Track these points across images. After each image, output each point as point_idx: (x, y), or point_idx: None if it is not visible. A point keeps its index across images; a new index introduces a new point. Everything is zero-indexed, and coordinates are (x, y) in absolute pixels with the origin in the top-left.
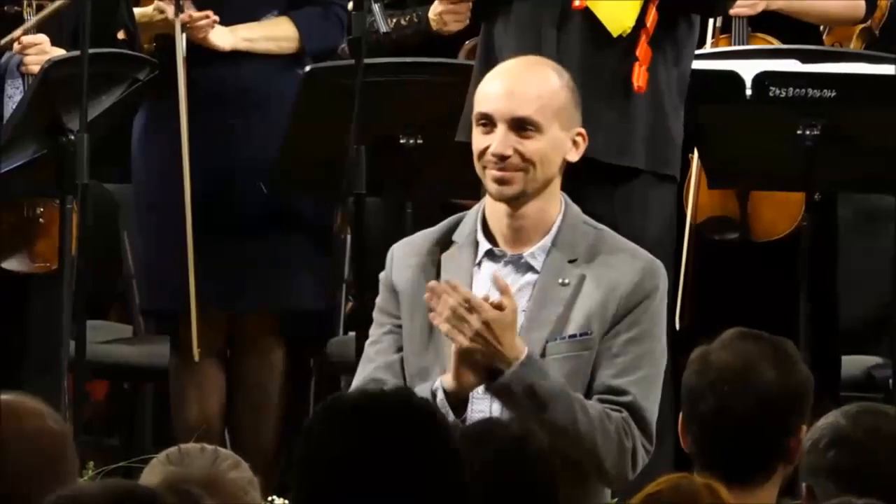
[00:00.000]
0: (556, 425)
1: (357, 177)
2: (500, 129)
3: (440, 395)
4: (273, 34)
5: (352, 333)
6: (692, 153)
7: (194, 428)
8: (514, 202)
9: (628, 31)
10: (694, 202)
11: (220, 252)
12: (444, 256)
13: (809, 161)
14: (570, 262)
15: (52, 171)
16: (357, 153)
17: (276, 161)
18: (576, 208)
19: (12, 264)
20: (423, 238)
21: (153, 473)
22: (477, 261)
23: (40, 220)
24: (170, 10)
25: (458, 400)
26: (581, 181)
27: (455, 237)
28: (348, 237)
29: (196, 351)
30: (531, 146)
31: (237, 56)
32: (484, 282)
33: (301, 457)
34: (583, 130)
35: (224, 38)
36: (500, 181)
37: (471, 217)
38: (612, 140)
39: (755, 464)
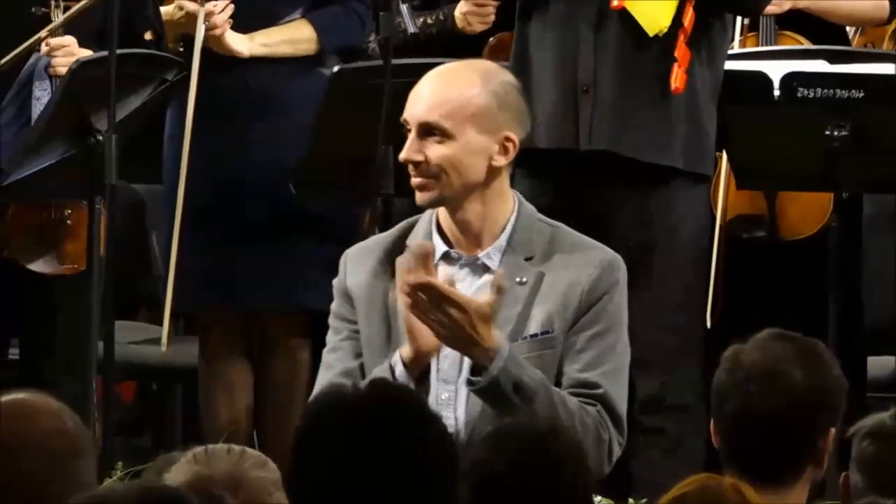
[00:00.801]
0: None
1: (385, 177)
2: (411, 134)
3: (399, 369)
4: (291, 37)
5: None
6: (720, 153)
7: (223, 428)
8: (446, 207)
9: (664, 30)
10: (723, 201)
11: (246, 252)
12: (399, 260)
13: (837, 162)
14: (527, 259)
15: (81, 171)
16: (385, 153)
17: (302, 161)
18: (530, 207)
19: (39, 266)
20: (376, 242)
21: (179, 473)
22: (434, 263)
23: (67, 221)
24: (189, 6)
25: (419, 370)
26: (616, 181)
27: (409, 241)
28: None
29: (165, 340)
30: (438, 152)
31: (258, 60)
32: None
33: (295, 459)
34: (513, 135)
35: (242, 43)
36: (418, 187)
37: (424, 220)
38: (650, 140)
39: (782, 464)
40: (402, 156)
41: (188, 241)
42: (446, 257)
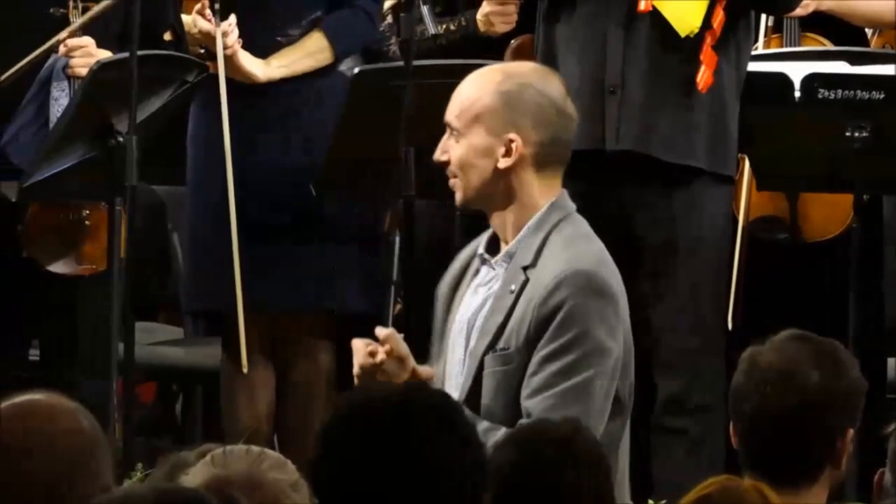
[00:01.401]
0: None
1: (406, 179)
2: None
3: None
4: (307, 51)
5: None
6: (742, 154)
7: (244, 429)
8: (474, 209)
9: (696, 31)
10: (745, 202)
11: (267, 253)
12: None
13: (859, 164)
14: (524, 267)
15: (101, 173)
16: (406, 155)
17: (323, 162)
18: (562, 211)
19: (59, 267)
20: (472, 243)
21: (196, 474)
22: (476, 267)
23: (87, 222)
24: (204, 25)
25: None
26: (640, 181)
27: (475, 243)
28: (397, 238)
29: (244, 363)
30: (454, 152)
31: None
32: (474, 287)
33: (317, 457)
34: (516, 137)
35: (258, 68)
36: (451, 188)
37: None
38: (675, 140)
39: (799, 465)
40: (434, 156)
41: (212, 242)
42: (482, 259)
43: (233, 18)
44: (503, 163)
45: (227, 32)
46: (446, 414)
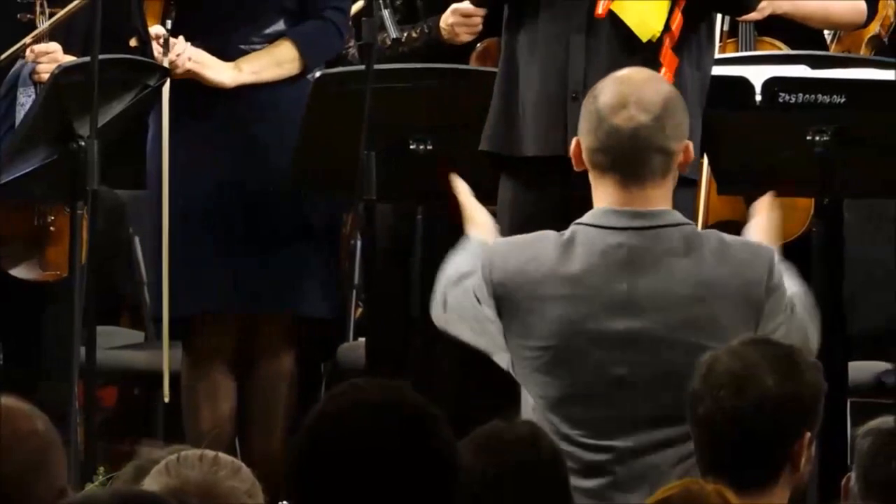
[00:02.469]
0: None
1: (367, 182)
2: None
3: None
4: (277, 60)
5: (361, 339)
6: (702, 158)
7: (206, 432)
8: None
9: (657, 35)
10: (705, 206)
11: (232, 257)
12: None
13: (820, 166)
14: None
15: (63, 176)
16: (367, 159)
17: (287, 166)
18: None
19: (22, 272)
20: None
21: (152, 483)
22: None
23: (51, 227)
24: (155, 54)
25: None
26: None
27: None
28: (358, 242)
29: (166, 392)
30: None
31: None
32: None
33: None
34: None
35: (225, 74)
36: None
37: None
38: None
39: (755, 467)
40: None
41: (182, 246)
42: None
43: (180, 45)
44: None
45: (175, 63)
46: (419, 424)
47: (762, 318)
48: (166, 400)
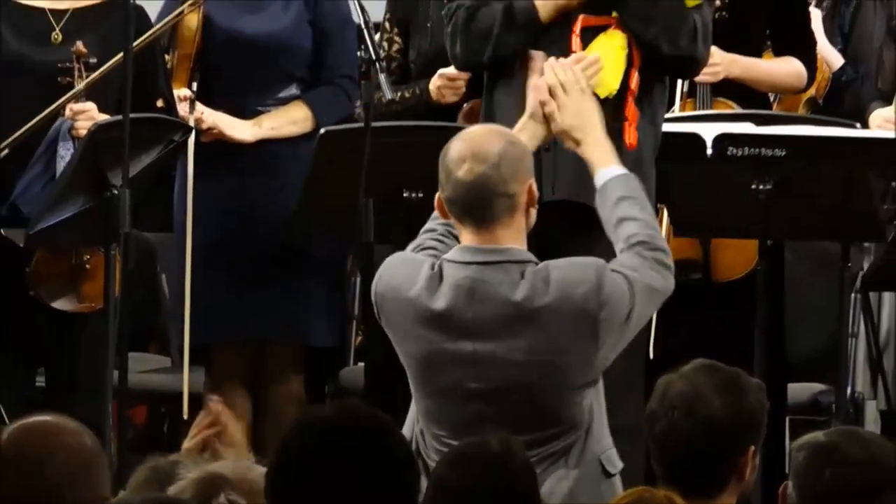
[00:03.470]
0: None
1: (366, 226)
2: None
3: None
4: (292, 118)
5: (361, 364)
6: (660, 204)
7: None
8: None
9: (614, 93)
10: None
11: (253, 293)
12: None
13: (763, 213)
14: None
15: (98, 222)
16: (365, 205)
17: (296, 210)
18: None
19: (62, 304)
20: None
21: (191, 472)
22: None
23: (87, 265)
24: (182, 108)
25: None
26: (568, 228)
27: None
28: (358, 279)
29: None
30: None
31: None
32: None
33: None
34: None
35: (246, 132)
36: None
37: None
38: None
39: (706, 479)
40: None
41: (203, 282)
42: None
43: (198, 111)
44: None
45: (201, 120)
46: (373, 429)
47: (600, 327)
48: (185, 417)
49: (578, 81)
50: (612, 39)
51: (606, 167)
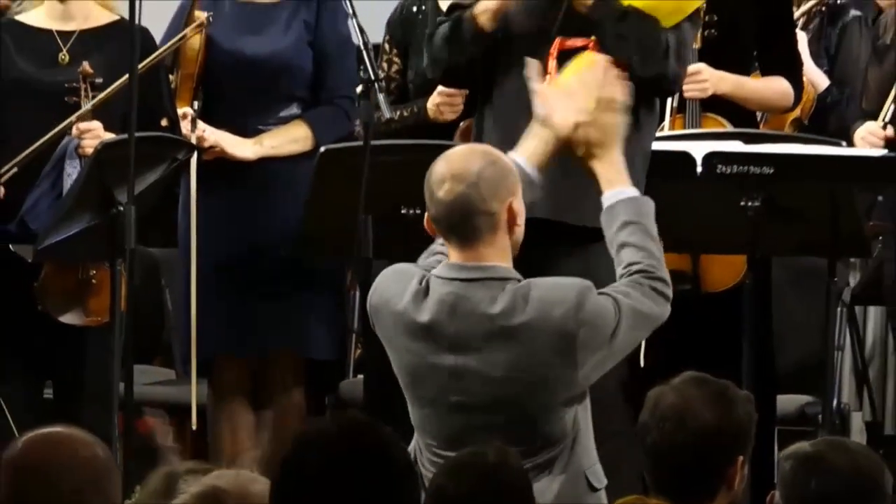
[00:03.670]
0: None
1: (364, 242)
2: None
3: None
4: (294, 137)
5: (360, 376)
6: None
7: (228, 458)
8: None
9: None
10: None
11: (255, 307)
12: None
13: (752, 229)
14: None
15: (104, 238)
16: (364, 222)
17: (298, 227)
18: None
19: (69, 318)
20: None
21: (191, 487)
22: None
23: (93, 280)
24: (184, 126)
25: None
26: (556, 242)
27: None
28: (357, 294)
29: (194, 420)
30: None
31: None
32: None
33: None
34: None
35: (248, 150)
36: None
37: None
38: (590, 207)
39: (696, 488)
40: None
41: (207, 296)
42: None
43: (200, 129)
44: None
45: (203, 138)
46: (375, 447)
47: (578, 347)
48: (194, 427)
49: (615, 100)
50: (587, 60)
51: (617, 188)
